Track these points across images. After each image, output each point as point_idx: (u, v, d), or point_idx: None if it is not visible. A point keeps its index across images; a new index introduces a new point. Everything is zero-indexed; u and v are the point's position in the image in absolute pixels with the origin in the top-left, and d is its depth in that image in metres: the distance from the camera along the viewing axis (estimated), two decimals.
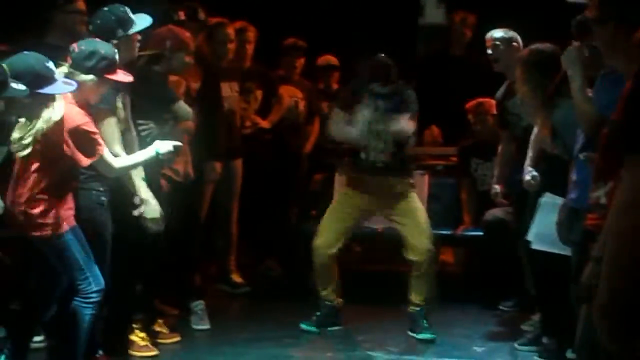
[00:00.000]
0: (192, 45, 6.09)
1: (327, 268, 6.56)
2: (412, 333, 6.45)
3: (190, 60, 6.09)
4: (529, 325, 6.54)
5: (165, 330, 6.22)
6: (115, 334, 5.82)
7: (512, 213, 6.77)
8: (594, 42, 4.48)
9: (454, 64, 8.25)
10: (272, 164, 8.02)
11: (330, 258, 6.54)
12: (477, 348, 6.29)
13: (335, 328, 6.62)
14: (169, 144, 5.09)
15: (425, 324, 6.40)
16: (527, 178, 5.93)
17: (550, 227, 5.24)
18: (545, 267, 5.58)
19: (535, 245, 5.73)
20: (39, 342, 5.69)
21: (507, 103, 6.50)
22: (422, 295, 6.43)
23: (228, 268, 7.69)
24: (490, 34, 6.55)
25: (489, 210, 7.17)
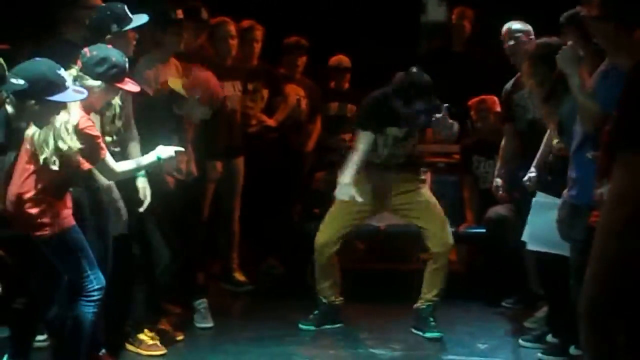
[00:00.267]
0: (218, 100, 6.08)
1: (328, 265, 6.54)
2: (417, 331, 6.44)
3: (207, 117, 6.08)
4: (532, 323, 6.55)
5: (169, 329, 6.22)
6: (118, 333, 5.84)
7: (514, 210, 6.78)
8: (596, 39, 4.48)
9: (455, 61, 8.25)
10: (275, 163, 8.01)
11: (333, 255, 6.53)
12: (480, 345, 6.29)
13: (335, 326, 6.61)
14: (171, 150, 5.08)
15: (432, 322, 6.39)
16: (525, 178, 5.93)
17: (544, 227, 5.25)
18: (551, 264, 5.58)
19: (530, 246, 5.74)
20: (42, 341, 5.70)
21: (514, 95, 6.49)
22: (435, 291, 6.40)
23: (231, 266, 7.69)
24: (509, 26, 6.51)
25: (491, 208, 7.18)
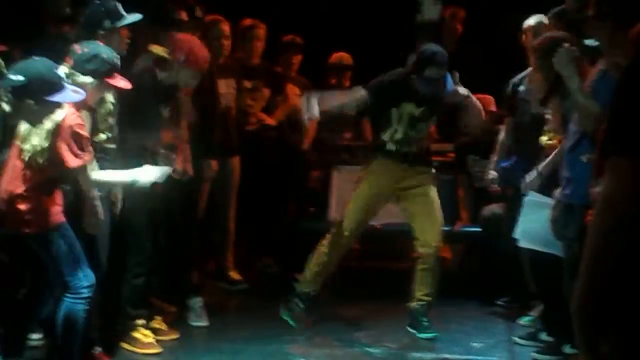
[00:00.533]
0: (205, 66, 6.04)
1: (333, 256, 6.50)
2: (412, 329, 6.44)
3: (196, 81, 6.05)
4: (527, 321, 6.56)
5: (164, 327, 6.22)
6: (113, 331, 5.84)
7: (506, 208, 6.79)
8: (594, 38, 4.49)
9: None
10: (271, 161, 8.01)
11: (344, 248, 6.50)
12: (474, 344, 6.30)
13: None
14: (151, 176, 5.03)
15: (425, 323, 6.39)
16: (526, 179, 5.90)
17: (536, 225, 5.26)
18: (545, 263, 5.59)
19: (522, 243, 5.75)
20: (37, 339, 5.70)
21: (519, 88, 6.47)
22: (425, 290, 6.40)
23: (226, 265, 7.69)
24: (528, 22, 6.48)
25: (486, 207, 7.19)
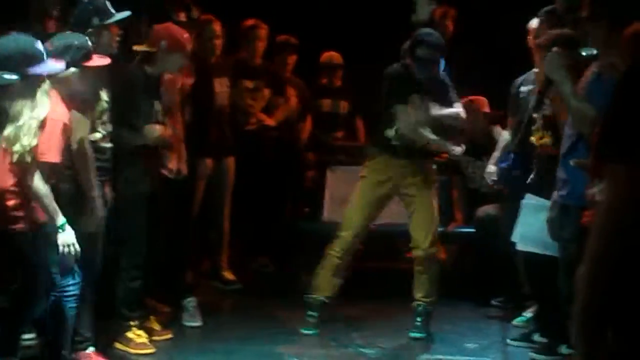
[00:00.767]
0: (188, 47, 6.05)
1: (343, 261, 6.45)
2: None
3: (186, 62, 6.06)
4: (521, 322, 6.56)
5: (158, 327, 6.21)
6: (107, 330, 5.84)
7: (503, 209, 6.79)
8: (589, 39, 4.49)
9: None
10: (267, 162, 8.00)
11: (352, 250, 6.47)
12: (468, 344, 6.29)
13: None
14: (70, 239, 4.86)
15: (418, 322, 6.38)
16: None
17: (534, 227, 5.26)
18: (540, 264, 5.59)
19: (520, 246, 5.75)
20: (31, 339, 5.69)
21: (521, 89, 6.47)
22: (421, 293, 6.38)
23: (220, 265, 7.68)
24: (531, 23, 6.48)
25: (481, 208, 7.20)
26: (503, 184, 6.64)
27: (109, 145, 5.44)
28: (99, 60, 5.10)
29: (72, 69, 4.96)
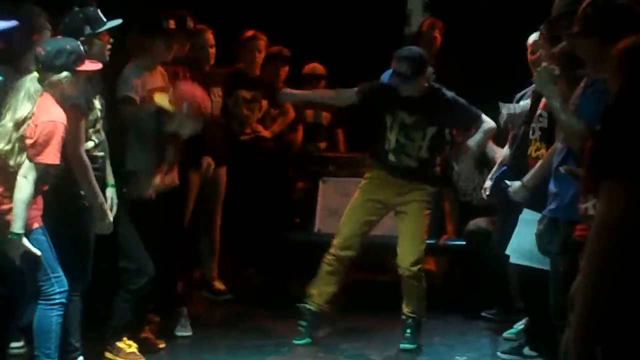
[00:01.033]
0: (207, 112, 6.07)
1: (335, 271, 6.44)
2: None
3: (199, 129, 6.06)
4: (511, 334, 6.57)
5: (152, 337, 6.21)
6: (97, 340, 5.83)
7: (494, 222, 6.79)
8: (580, 54, 4.50)
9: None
10: (258, 172, 7.99)
11: (345, 260, 6.45)
12: (458, 357, 6.29)
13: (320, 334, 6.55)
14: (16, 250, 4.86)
15: (407, 334, 6.38)
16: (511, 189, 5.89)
17: (529, 241, 5.26)
18: (532, 278, 5.59)
19: (514, 259, 5.76)
20: (19, 347, 5.68)
21: (521, 102, 6.47)
22: (409, 308, 6.38)
23: (210, 275, 7.68)
24: (532, 38, 6.49)
25: (472, 220, 7.20)
26: (496, 197, 6.65)
27: (101, 154, 5.43)
28: (91, 65, 5.10)
29: (64, 73, 4.96)
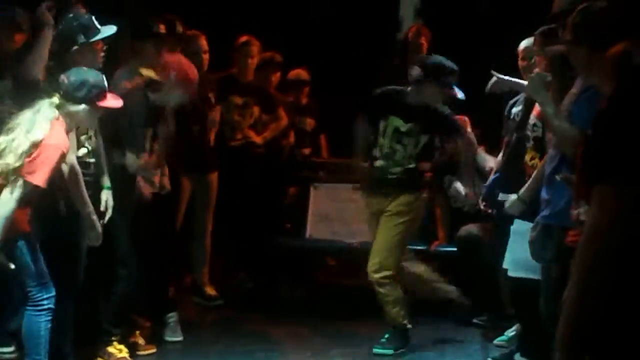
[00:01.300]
0: (195, 83, 6.06)
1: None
2: None
3: (187, 98, 6.06)
4: (502, 341, 6.57)
5: (142, 342, 6.21)
6: (88, 345, 5.83)
7: (487, 229, 6.79)
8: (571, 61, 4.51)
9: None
10: (249, 178, 8.00)
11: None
12: None
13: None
14: None
15: (383, 339, 6.38)
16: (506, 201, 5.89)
17: (524, 253, 5.26)
18: (524, 286, 5.59)
19: (512, 273, 5.74)
20: (10, 352, 5.67)
21: (514, 109, 6.48)
22: (391, 318, 6.41)
23: (202, 280, 7.68)
24: (523, 44, 6.49)
25: (463, 227, 7.20)
26: (488, 203, 6.66)
27: (93, 160, 5.43)
28: (112, 102, 5.09)
29: (82, 106, 4.96)
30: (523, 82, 5.96)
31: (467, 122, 7.35)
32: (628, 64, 4.04)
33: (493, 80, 6.21)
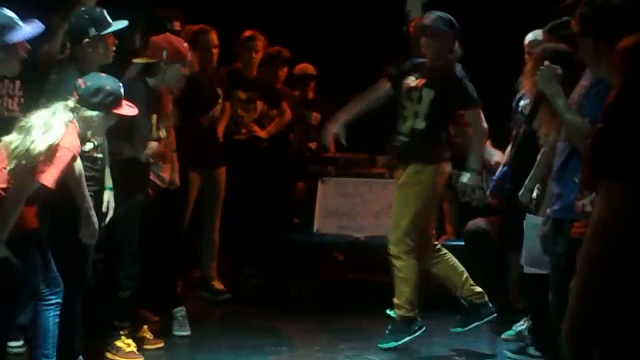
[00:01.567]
0: (188, 56, 6.05)
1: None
2: None
3: (186, 72, 6.06)
4: (510, 335, 6.56)
5: (150, 336, 6.22)
6: (98, 340, 5.84)
7: (495, 223, 6.78)
8: (580, 55, 4.51)
9: None
10: (257, 172, 8.01)
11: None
12: (457, 358, 6.31)
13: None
14: None
15: (387, 331, 6.37)
16: (524, 196, 5.87)
17: (539, 248, 5.25)
18: (536, 279, 5.58)
19: (528, 270, 5.72)
20: (18, 346, 5.69)
21: (521, 102, 6.47)
22: (396, 297, 6.35)
23: (209, 275, 7.68)
24: (529, 38, 6.46)
25: (471, 221, 7.19)
26: (496, 197, 6.65)
27: (100, 156, 5.43)
28: (128, 110, 5.08)
29: (96, 112, 4.96)
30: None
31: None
32: (638, 58, 4.03)
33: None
